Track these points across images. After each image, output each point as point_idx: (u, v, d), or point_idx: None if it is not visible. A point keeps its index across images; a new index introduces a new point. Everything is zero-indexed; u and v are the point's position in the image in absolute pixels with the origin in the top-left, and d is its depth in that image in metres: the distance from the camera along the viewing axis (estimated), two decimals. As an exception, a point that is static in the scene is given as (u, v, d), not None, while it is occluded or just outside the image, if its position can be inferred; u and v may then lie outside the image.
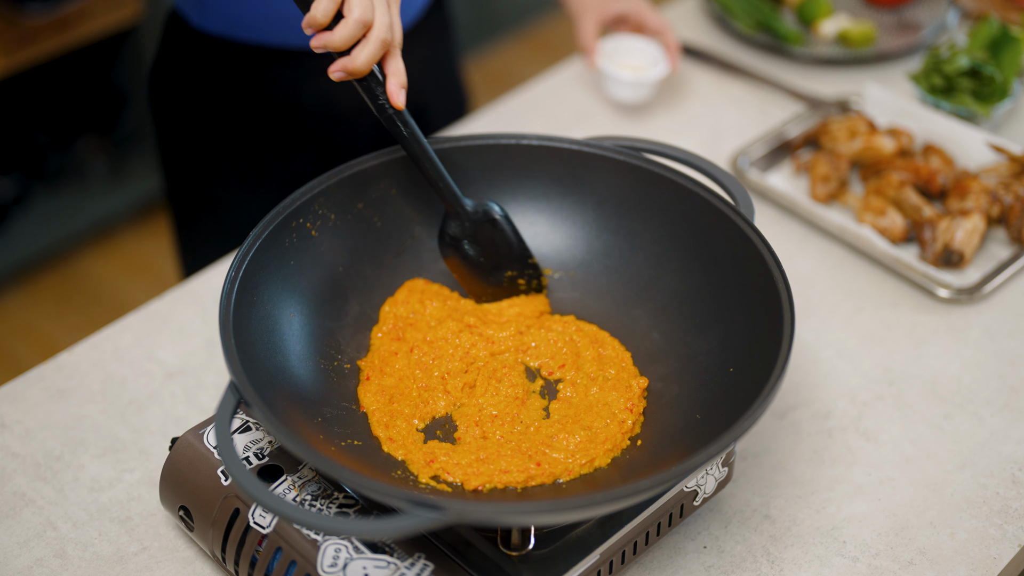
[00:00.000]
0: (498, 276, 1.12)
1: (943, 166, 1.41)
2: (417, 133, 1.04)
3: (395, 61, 1.00)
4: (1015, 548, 1.05)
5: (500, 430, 1.01)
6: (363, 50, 0.97)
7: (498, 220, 1.10)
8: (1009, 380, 1.21)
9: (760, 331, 0.98)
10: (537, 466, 0.97)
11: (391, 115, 1.02)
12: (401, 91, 1.01)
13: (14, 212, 2.58)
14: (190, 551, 1.04)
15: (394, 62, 1.00)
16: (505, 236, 1.11)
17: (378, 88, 1.00)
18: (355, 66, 0.97)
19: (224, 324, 0.93)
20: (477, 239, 1.10)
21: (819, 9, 1.69)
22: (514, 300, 1.13)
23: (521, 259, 1.12)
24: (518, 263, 1.12)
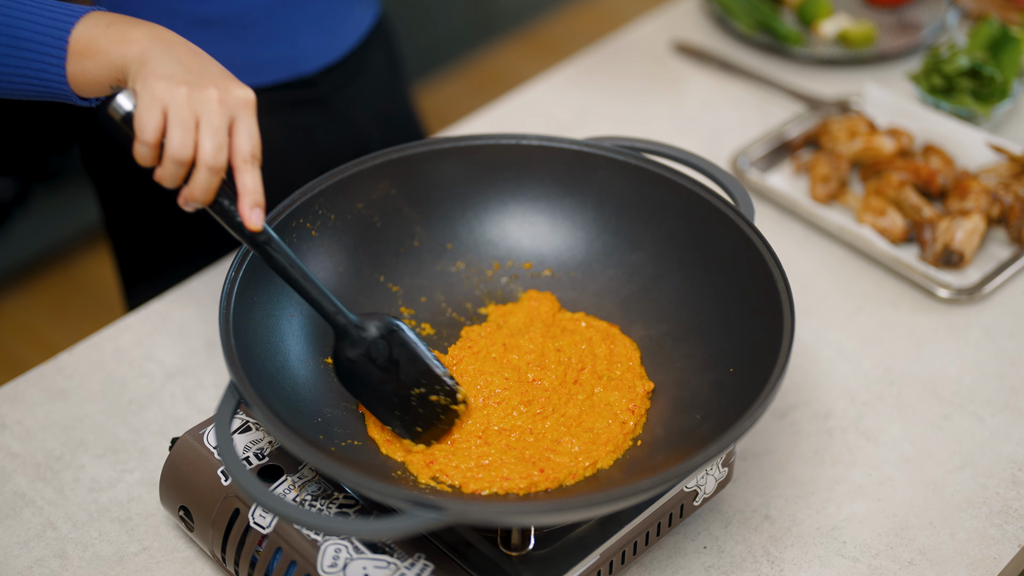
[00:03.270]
0: (406, 395, 0.98)
1: (943, 166, 1.41)
2: (287, 253, 0.94)
3: (247, 176, 0.90)
4: (1015, 548, 1.05)
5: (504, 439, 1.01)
6: (194, 182, 0.89)
7: (396, 332, 0.98)
8: (1009, 380, 1.21)
9: (760, 331, 0.98)
10: (540, 472, 0.96)
11: (250, 236, 0.92)
12: (255, 211, 0.91)
13: (14, 212, 2.58)
14: (190, 551, 1.04)
15: (246, 177, 0.90)
16: (405, 348, 0.98)
17: (232, 208, 0.91)
18: (193, 197, 0.90)
19: (224, 324, 0.93)
20: (372, 357, 0.98)
21: (819, 9, 1.69)
22: (522, 303, 1.12)
23: (429, 372, 0.98)
24: (425, 377, 0.98)
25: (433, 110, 3.14)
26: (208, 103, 0.89)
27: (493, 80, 3.21)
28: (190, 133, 0.88)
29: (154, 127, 0.88)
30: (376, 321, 0.98)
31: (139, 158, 0.90)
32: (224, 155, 0.89)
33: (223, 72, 0.92)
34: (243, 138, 0.90)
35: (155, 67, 0.90)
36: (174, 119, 0.88)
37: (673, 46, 1.69)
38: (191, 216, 1.40)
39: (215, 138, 0.89)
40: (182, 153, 0.88)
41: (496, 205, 1.15)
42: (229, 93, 0.90)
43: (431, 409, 0.99)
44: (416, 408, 0.99)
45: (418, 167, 1.12)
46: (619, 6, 3.09)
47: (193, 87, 0.89)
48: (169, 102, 0.88)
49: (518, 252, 1.16)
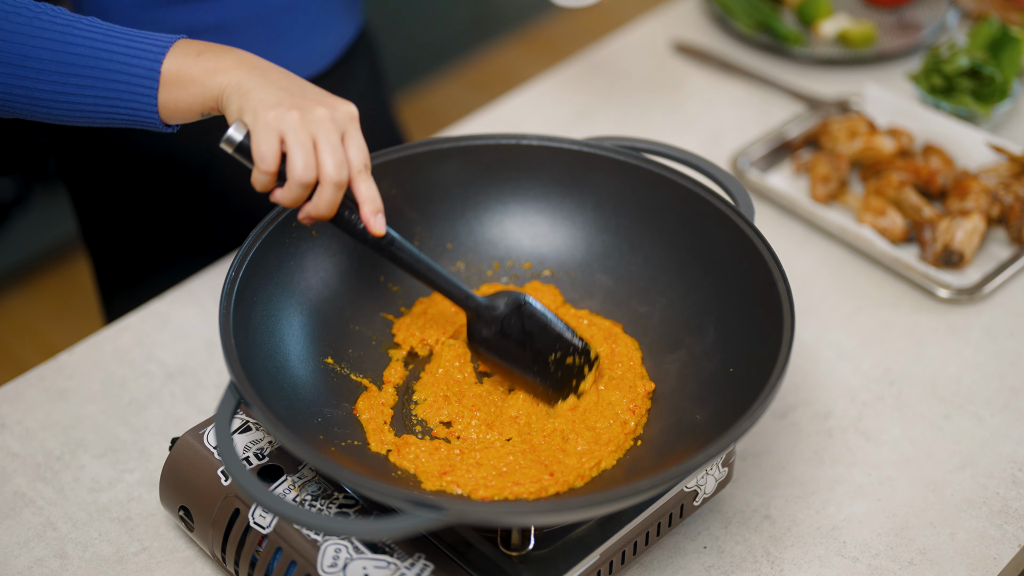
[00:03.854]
0: (544, 363, 1.03)
1: (943, 166, 1.41)
2: (411, 250, 0.99)
3: (363, 186, 0.94)
4: (1015, 548, 1.05)
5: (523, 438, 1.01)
6: (319, 198, 0.92)
7: (524, 307, 1.03)
8: (1009, 380, 1.21)
9: (760, 331, 0.98)
10: (551, 476, 0.96)
11: (375, 242, 0.97)
12: (378, 216, 0.95)
13: (14, 212, 2.58)
14: (190, 551, 1.04)
15: (362, 187, 0.94)
16: (537, 319, 1.03)
17: (352, 217, 0.95)
18: (319, 213, 0.93)
19: (224, 324, 0.93)
20: (507, 333, 1.03)
21: (819, 9, 1.69)
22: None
23: (561, 337, 1.03)
24: (559, 342, 1.03)
25: (433, 110, 3.14)
26: (322, 123, 0.91)
27: (493, 80, 3.21)
28: (311, 155, 0.91)
29: (274, 155, 0.90)
30: (504, 298, 1.03)
31: (258, 186, 0.92)
32: (346, 171, 0.92)
33: (319, 90, 0.95)
34: (355, 150, 0.93)
35: (259, 96, 0.92)
36: (294, 144, 0.90)
37: (673, 46, 1.69)
38: (170, 225, 1.39)
39: (335, 156, 0.91)
40: (307, 176, 0.91)
41: (496, 205, 1.15)
42: (336, 110, 0.93)
43: (568, 370, 1.04)
44: (555, 372, 1.04)
45: (418, 167, 1.12)
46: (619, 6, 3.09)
47: (303, 110, 0.91)
48: (285, 128, 0.90)
49: (518, 252, 1.16)
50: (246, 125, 0.92)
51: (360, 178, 0.94)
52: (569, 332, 1.04)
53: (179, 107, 0.96)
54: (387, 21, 2.99)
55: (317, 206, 0.93)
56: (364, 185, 0.94)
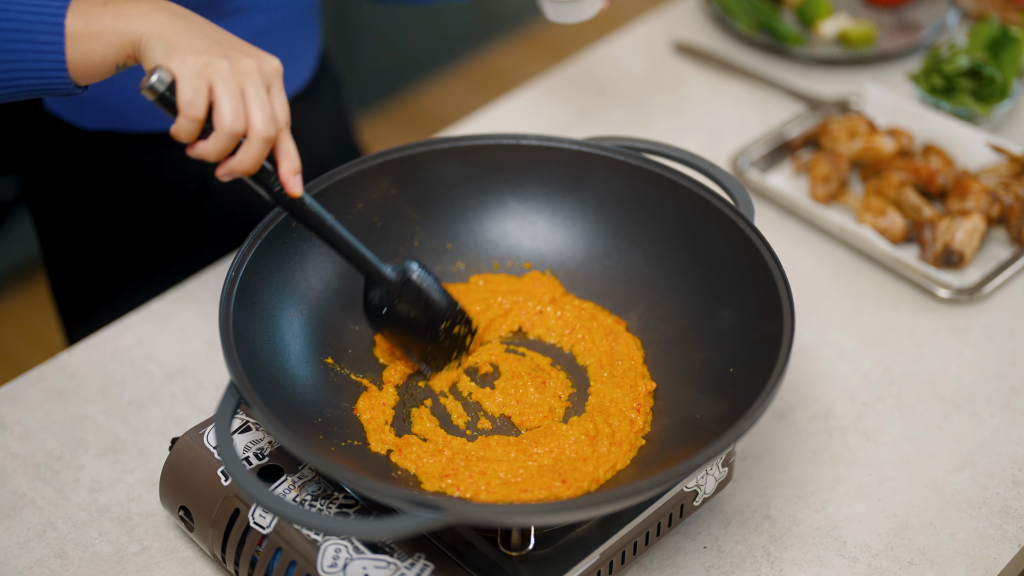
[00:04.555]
0: (435, 332, 1.05)
1: (943, 166, 1.41)
2: (321, 213, 0.97)
3: (284, 143, 0.91)
4: (1015, 548, 1.05)
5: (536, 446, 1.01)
6: (246, 152, 0.89)
7: (418, 276, 1.03)
8: (1009, 380, 1.21)
9: (760, 331, 0.98)
10: (563, 483, 0.96)
11: (289, 203, 0.95)
12: (296, 177, 0.92)
13: (14, 212, 2.58)
14: (190, 551, 1.04)
15: (283, 145, 0.91)
16: (430, 291, 1.04)
17: (270, 178, 0.93)
18: (242, 168, 0.90)
19: (224, 324, 0.93)
20: (405, 300, 1.04)
21: (819, 9, 1.69)
22: (521, 285, 1.13)
23: (450, 308, 1.05)
24: (449, 312, 1.05)
25: (433, 110, 3.14)
26: (250, 75, 0.89)
27: (493, 80, 3.21)
28: (240, 106, 0.88)
29: (202, 103, 0.87)
30: (402, 267, 1.03)
31: (182, 135, 0.89)
32: (274, 125, 0.90)
33: (244, 41, 0.92)
34: (279, 106, 0.91)
35: (187, 42, 0.88)
36: (223, 93, 0.87)
37: (673, 46, 1.69)
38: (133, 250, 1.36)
39: (264, 109, 0.89)
40: (236, 127, 0.88)
41: (496, 205, 1.15)
42: (264, 62, 0.91)
43: (455, 340, 1.07)
44: (444, 342, 1.06)
45: (418, 167, 1.12)
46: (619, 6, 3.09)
47: (232, 59, 0.88)
48: (213, 76, 0.87)
49: (518, 252, 1.16)
50: (171, 71, 0.87)
51: (283, 135, 0.91)
52: (453, 302, 1.06)
53: (92, 61, 0.91)
54: (387, 21, 2.99)
55: (242, 160, 0.89)
56: (285, 143, 0.91)
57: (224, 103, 0.87)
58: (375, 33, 2.97)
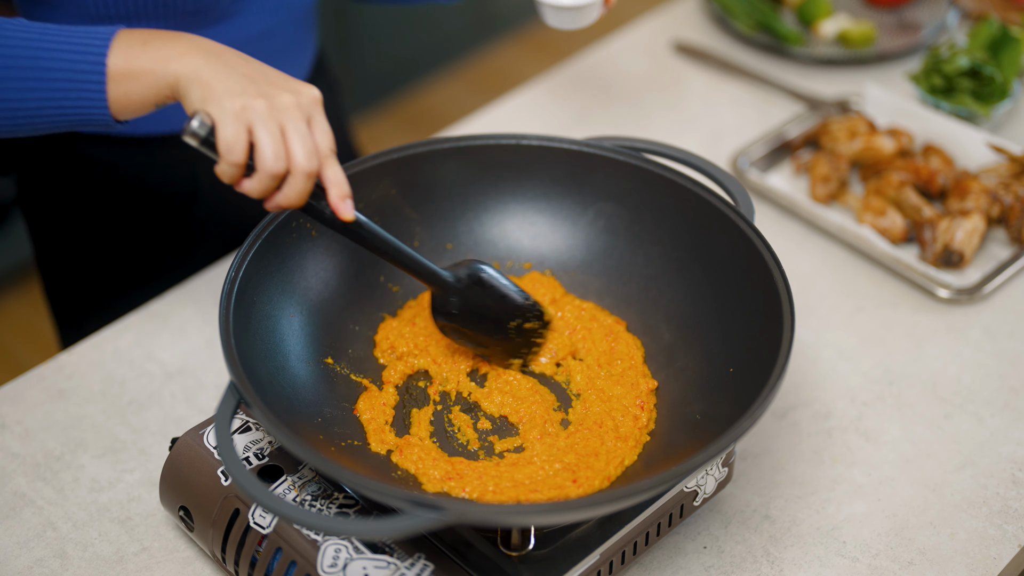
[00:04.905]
0: (504, 330, 1.06)
1: (943, 166, 1.41)
2: (377, 231, 0.97)
3: (330, 171, 0.91)
4: (1015, 548, 1.05)
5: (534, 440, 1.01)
6: (290, 188, 0.90)
7: (484, 278, 1.04)
8: (1009, 380, 1.21)
9: (760, 331, 0.98)
10: (574, 483, 0.96)
11: (343, 227, 0.95)
12: (346, 202, 0.92)
13: (14, 212, 2.58)
14: (190, 551, 1.04)
15: (330, 172, 0.91)
16: (497, 290, 1.05)
17: (320, 203, 0.93)
18: (289, 203, 0.91)
19: (224, 324, 0.93)
20: (470, 305, 1.04)
21: (819, 9, 1.69)
22: (521, 285, 1.13)
23: (521, 305, 1.06)
24: (519, 310, 1.06)
25: (433, 110, 3.14)
26: (288, 110, 0.89)
27: (493, 80, 3.21)
28: (281, 145, 0.88)
29: (242, 147, 0.88)
30: (465, 270, 1.04)
31: (225, 178, 0.89)
32: (316, 159, 0.90)
33: (281, 74, 0.92)
34: (321, 135, 0.91)
35: (223, 84, 0.88)
36: (262, 134, 0.88)
37: (673, 46, 1.69)
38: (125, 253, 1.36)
39: (305, 144, 0.89)
40: (278, 167, 0.88)
41: (496, 205, 1.15)
42: (301, 95, 0.90)
43: (527, 334, 1.07)
44: (514, 338, 1.06)
45: (418, 167, 1.12)
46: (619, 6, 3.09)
47: (269, 98, 0.88)
48: (253, 118, 0.88)
49: (518, 252, 1.16)
50: (210, 116, 0.88)
51: (328, 164, 0.91)
52: (525, 297, 1.06)
53: (131, 100, 0.92)
54: (387, 22, 2.99)
55: (288, 196, 0.90)
56: (332, 170, 0.91)
57: (264, 144, 0.88)
58: (375, 33, 2.97)
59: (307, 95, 0.91)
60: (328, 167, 0.91)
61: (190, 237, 1.36)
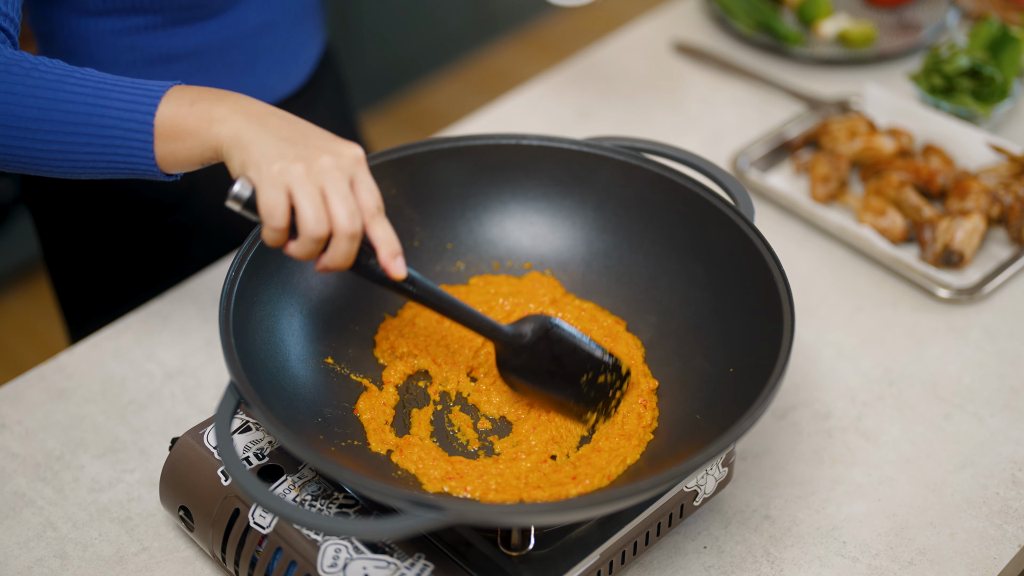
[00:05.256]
0: (576, 384, 1.02)
1: (943, 166, 1.41)
2: (430, 287, 0.96)
3: (379, 229, 0.90)
4: (1015, 548, 1.05)
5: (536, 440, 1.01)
6: (335, 251, 0.89)
7: (552, 332, 1.01)
8: (1009, 380, 1.21)
9: (760, 331, 0.98)
10: (574, 480, 0.96)
11: (395, 285, 0.94)
12: (397, 260, 0.91)
13: (14, 212, 2.58)
14: (190, 551, 1.04)
15: (378, 230, 0.90)
16: (564, 343, 1.01)
17: (371, 262, 0.92)
18: (335, 265, 0.90)
19: (224, 324, 0.93)
20: (538, 359, 1.01)
21: (819, 9, 1.69)
22: (521, 286, 1.13)
23: (594, 357, 1.01)
24: (590, 362, 1.01)
25: (433, 110, 3.14)
26: (329, 172, 0.88)
27: (493, 80, 3.21)
28: (321, 209, 0.87)
29: (282, 212, 0.87)
30: (531, 324, 1.01)
31: (269, 242, 0.89)
32: (359, 220, 0.89)
33: (322, 133, 0.92)
34: (366, 194, 0.90)
35: (261, 149, 0.88)
36: (302, 198, 0.87)
37: (673, 46, 1.69)
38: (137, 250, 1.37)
39: (347, 206, 0.88)
40: (319, 230, 0.87)
41: (496, 205, 1.15)
42: (342, 156, 0.90)
43: (601, 388, 1.02)
44: (588, 393, 1.02)
45: (418, 167, 1.12)
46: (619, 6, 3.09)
47: (308, 161, 0.88)
48: (292, 182, 0.87)
49: (518, 252, 1.16)
50: (251, 180, 0.88)
51: (374, 222, 0.90)
52: (599, 350, 1.01)
53: (178, 159, 0.93)
54: (387, 21, 2.99)
55: (333, 259, 0.89)
56: (380, 229, 0.90)
57: (305, 208, 0.87)
58: (375, 33, 2.97)
59: (348, 155, 0.90)
60: (375, 226, 0.90)
61: (191, 233, 1.37)
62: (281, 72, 1.34)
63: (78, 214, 1.36)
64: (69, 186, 1.34)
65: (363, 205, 0.90)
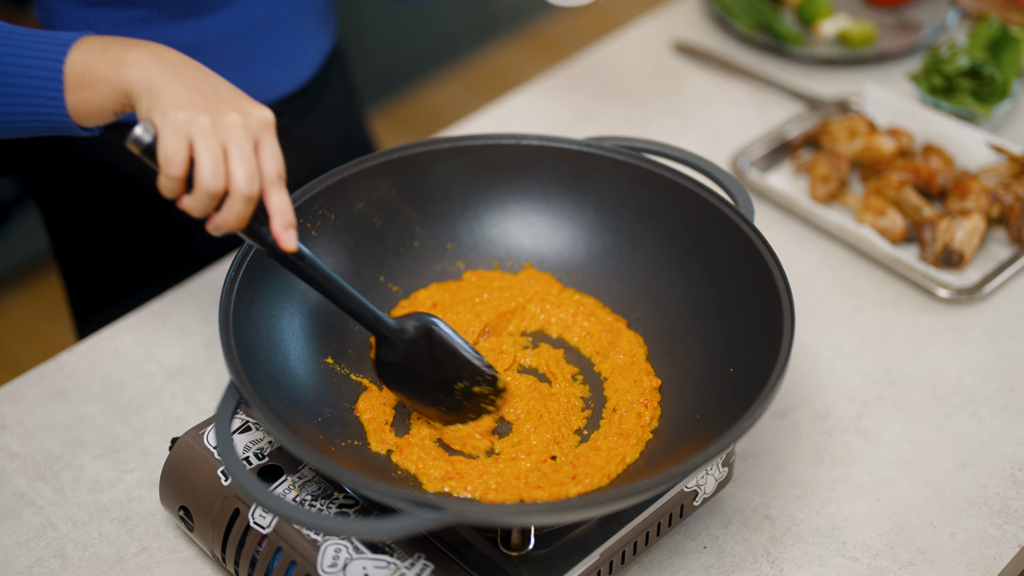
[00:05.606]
0: (449, 390, 1.00)
1: (943, 166, 1.41)
2: (319, 266, 0.93)
3: (275, 198, 0.88)
4: (1015, 548, 1.05)
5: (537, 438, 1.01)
6: (228, 211, 0.87)
7: (434, 332, 0.99)
8: (1009, 380, 1.21)
9: (760, 331, 0.98)
10: (573, 479, 0.96)
11: (284, 256, 0.91)
12: (289, 231, 0.88)
13: (14, 212, 2.58)
14: (190, 551, 1.04)
15: (274, 198, 0.88)
16: (444, 346, 0.99)
17: (263, 229, 0.89)
18: (227, 226, 0.87)
19: (224, 324, 0.93)
20: (415, 358, 0.99)
21: (819, 9, 1.69)
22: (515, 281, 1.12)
23: (472, 365, 1.00)
24: (467, 370, 1.00)
25: (433, 110, 3.14)
26: (233, 130, 0.86)
27: (493, 80, 3.21)
28: (221, 164, 0.86)
29: (181, 160, 0.86)
30: (413, 322, 0.99)
31: (165, 191, 0.87)
32: (257, 182, 0.87)
33: (235, 91, 0.90)
34: (268, 159, 0.88)
35: (169, 95, 0.86)
36: (203, 151, 0.85)
37: (673, 46, 1.69)
38: (146, 241, 1.37)
39: (246, 167, 0.86)
40: (215, 186, 0.86)
41: (496, 205, 1.15)
42: (251, 116, 0.88)
43: (475, 400, 1.01)
44: (460, 401, 1.00)
45: (418, 167, 1.12)
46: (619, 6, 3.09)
47: (215, 114, 0.86)
48: (194, 133, 0.85)
49: (518, 252, 1.16)
50: (154, 125, 0.86)
51: (273, 189, 0.88)
52: (479, 360, 1.00)
53: (90, 108, 0.91)
54: (387, 21, 2.99)
55: (226, 219, 0.87)
56: (276, 197, 0.88)
57: (204, 162, 0.85)
58: (375, 33, 2.97)
59: (258, 116, 0.88)
60: (273, 193, 0.88)
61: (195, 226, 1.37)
62: (281, 70, 1.34)
63: (84, 205, 1.36)
64: (74, 177, 1.34)
65: (264, 169, 0.88)
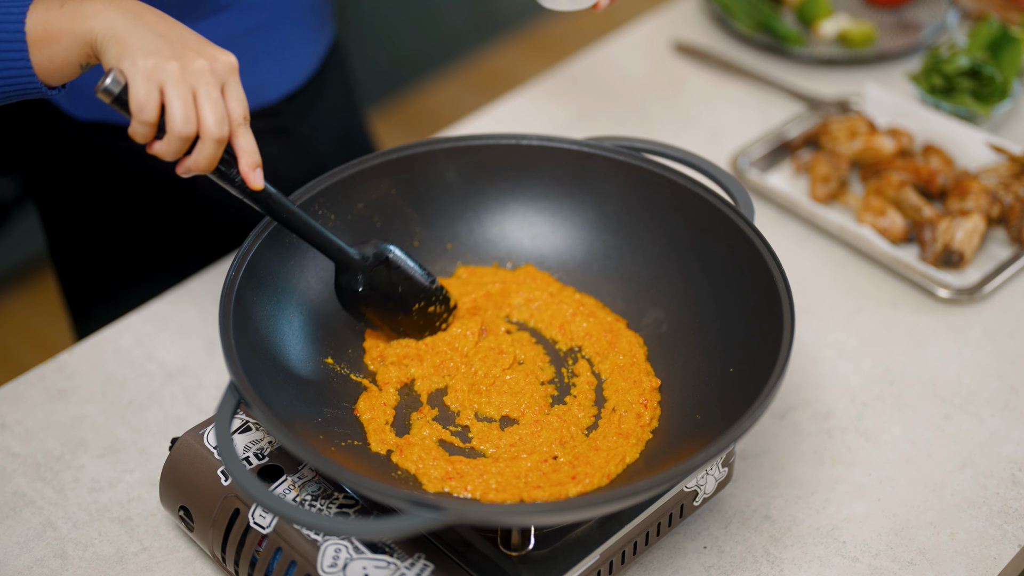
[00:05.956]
0: (408, 311, 1.07)
1: (943, 166, 1.41)
2: (284, 203, 0.98)
3: (241, 139, 0.92)
4: (1015, 548, 1.05)
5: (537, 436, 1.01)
6: (199, 153, 0.90)
7: (390, 258, 1.05)
8: (1009, 380, 1.21)
9: (760, 331, 0.98)
10: (573, 479, 0.96)
11: (253, 195, 0.96)
12: (255, 171, 0.93)
13: (14, 212, 2.58)
14: (190, 551, 1.04)
15: (242, 140, 0.92)
16: (403, 271, 1.06)
17: (232, 171, 0.94)
18: (198, 168, 0.91)
19: (224, 324, 0.93)
20: (375, 285, 1.05)
21: (819, 9, 1.69)
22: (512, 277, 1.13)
23: (426, 288, 1.07)
24: (423, 292, 1.07)
25: (433, 110, 3.14)
26: (202, 75, 0.89)
27: (493, 80, 3.21)
28: (191, 109, 0.89)
29: (153, 107, 0.88)
30: (372, 249, 1.05)
31: (137, 137, 0.90)
32: (227, 125, 0.90)
33: (199, 37, 0.92)
34: (235, 102, 0.91)
35: (136, 42, 0.89)
36: (173, 96, 0.88)
37: (673, 46, 1.69)
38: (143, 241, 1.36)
39: (216, 110, 0.89)
40: (187, 130, 0.89)
41: (496, 205, 1.15)
42: (216, 61, 0.91)
43: (430, 318, 1.09)
44: (417, 321, 1.08)
45: (418, 167, 1.12)
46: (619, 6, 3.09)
47: (183, 60, 0.89)
48: (164, 79, 0.88)
49: (518, 252, 1.16)
50: (124, 74, 0.88)
51: (240, 131, 0.92)
52: (431, 280, 1.08)
53: (56, 64, 0.92)
54: (387, 21, 2.99)
55: (197, 161, 0.91)
56: (243, 138, 0.92)
57: (176, 107, 0.88)
58: (375, 33, 2.97)
59: (223, 62, 0.91)
60: (240, 135, 0.92)
61: (191, 224, 1.37)
62: (279, 71, 1.34)
63: (83, 204, 1.36)
64: (74, 175, 1.34)
65: (231, 112, 0.91)
